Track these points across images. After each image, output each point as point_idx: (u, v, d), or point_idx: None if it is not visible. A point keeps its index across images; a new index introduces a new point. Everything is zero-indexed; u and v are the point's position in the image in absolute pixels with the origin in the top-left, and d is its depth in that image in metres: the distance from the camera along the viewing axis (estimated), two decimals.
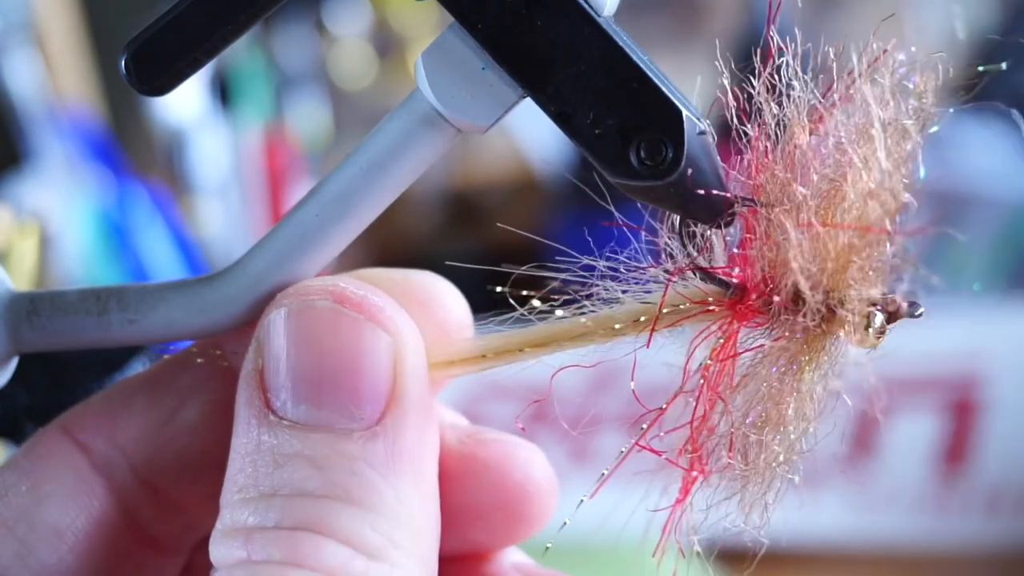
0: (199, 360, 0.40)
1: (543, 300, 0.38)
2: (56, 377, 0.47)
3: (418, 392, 0.36)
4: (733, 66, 0.36)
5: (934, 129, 0.35)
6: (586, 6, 0.34)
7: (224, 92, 1.53)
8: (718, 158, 0.36)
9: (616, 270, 0.37)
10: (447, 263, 0.44)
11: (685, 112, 0.35)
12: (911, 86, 0.35)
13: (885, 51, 0.35)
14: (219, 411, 0.40)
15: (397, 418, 0.35)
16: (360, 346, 0.35)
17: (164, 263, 1.35)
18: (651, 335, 0.36)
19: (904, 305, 0.35)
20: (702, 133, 0.35)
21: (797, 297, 0.35)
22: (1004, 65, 0.37)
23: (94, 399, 0.40)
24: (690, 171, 0.35)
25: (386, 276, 0.40)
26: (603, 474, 0.37)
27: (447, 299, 0.41)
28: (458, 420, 0.45)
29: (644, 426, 0.37)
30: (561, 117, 0.35)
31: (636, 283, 0.37)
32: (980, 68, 0.36)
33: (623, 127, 0.35)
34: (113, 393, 0.40)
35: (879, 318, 0.35)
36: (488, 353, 0.38)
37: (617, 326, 0.37)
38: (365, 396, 0.34)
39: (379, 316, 0.35)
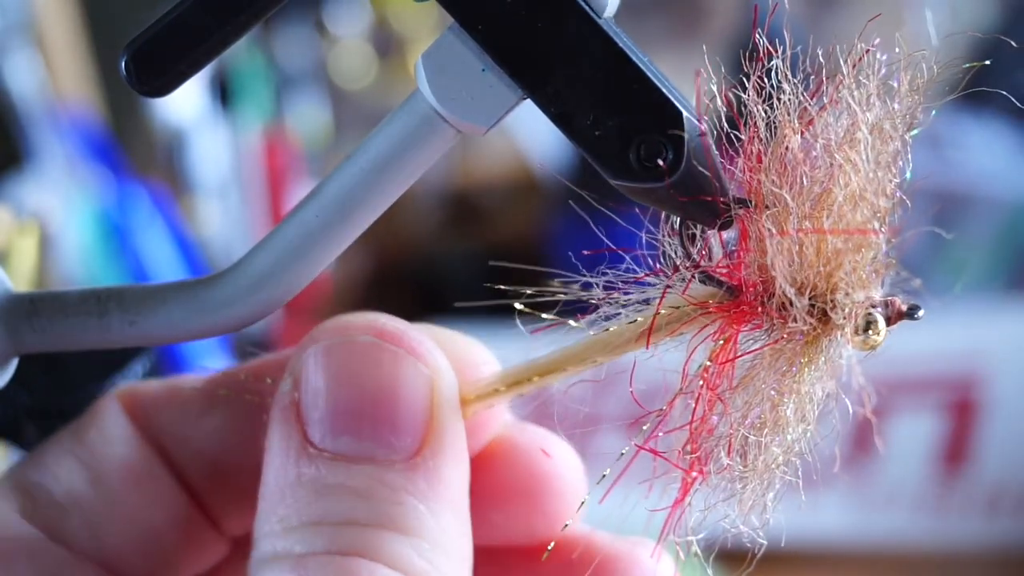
0: (222, 391, 0.41)
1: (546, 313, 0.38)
2: (56, 377, 0.46)
3: (453, 422, 0.37)
4: (725, 70, 0.36)
5: (915, 132, 0.35)
6: (586, 7, 0.34)
7: (224, 92, 1.53)
8: (718, 159, 0.36)
9: (614, 283, 0.37)
10: (455, 296, 0.44)
11: (685, 113, 0.35)
12: (895, 86, 0.35)
13: (867, 51, 0.35)
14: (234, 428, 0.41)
15: (435, 448, 0.36)
16: (400, 379, 0.36)
17: (164, 263, 1.34)
18: (649, 335, 0.36)
19: (903, 306, 0.35)
20: (702, 134, 0.35)
21: (788, 300, 0.35)
22: (988, 61, 0.37)
23: (153, 382, 0.43)
24: (690, 173, 0.35)
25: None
26: (603, 476, 0.38)
27: (469, 344, 0.42)
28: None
29: (645, 428, 0.37)
30: (561, 118, 0.35)
31: (635, 292, 0.37)
32: (966, 65, 0.36)
33: (623, 128, 0.35)
34: (168, 382, 0.43)
35: (878, 320, 0.35)
36: (501, 387, 0.39)
37: (612, 328, 0.37)
38: (404, 427, 0.36)
39: (418, 350, 0.37)
